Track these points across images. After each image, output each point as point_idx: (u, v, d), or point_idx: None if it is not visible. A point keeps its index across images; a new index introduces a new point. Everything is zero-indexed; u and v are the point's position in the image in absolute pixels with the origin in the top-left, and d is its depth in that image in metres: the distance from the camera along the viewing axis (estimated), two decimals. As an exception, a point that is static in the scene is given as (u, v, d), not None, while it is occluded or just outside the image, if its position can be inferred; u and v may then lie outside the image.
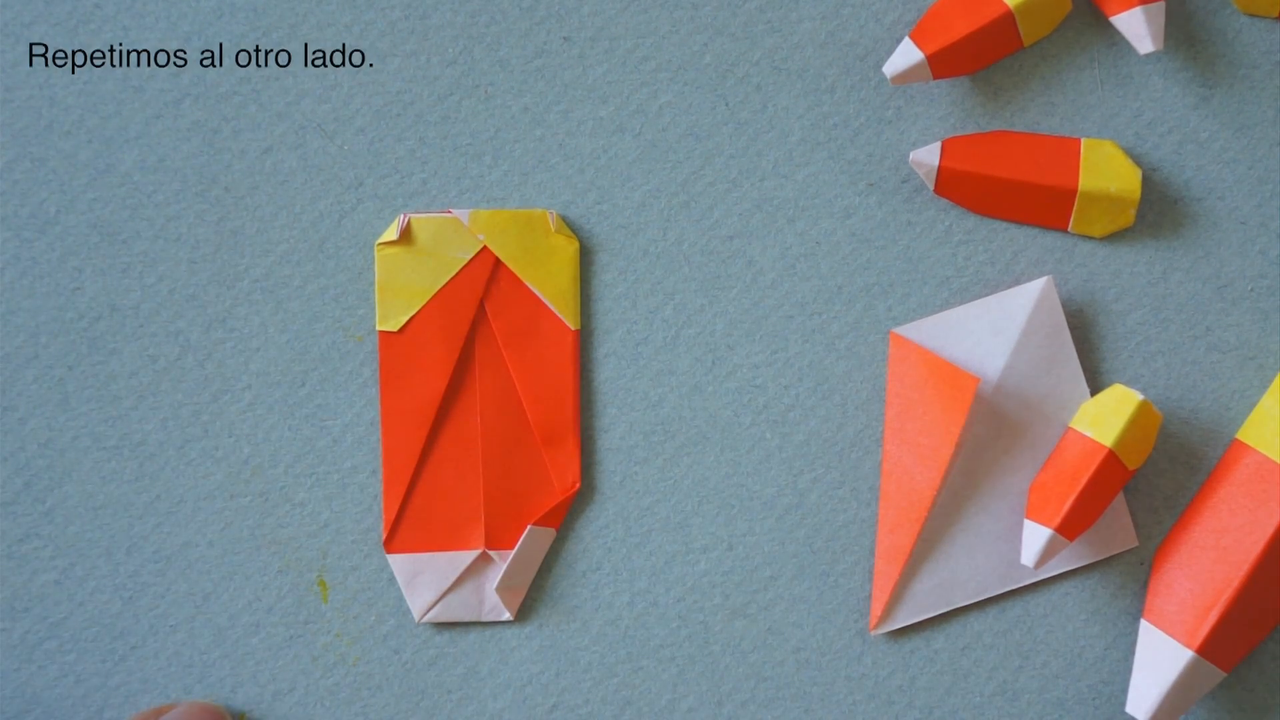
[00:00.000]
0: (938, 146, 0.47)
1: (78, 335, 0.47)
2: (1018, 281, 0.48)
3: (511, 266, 0.47)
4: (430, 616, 0.47)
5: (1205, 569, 0.46)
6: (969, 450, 0.47)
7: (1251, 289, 0.48)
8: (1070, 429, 0.46)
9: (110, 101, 0.47)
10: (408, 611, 0.48)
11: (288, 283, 0.48)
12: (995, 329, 0.47)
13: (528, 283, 0.47)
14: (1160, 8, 0.46)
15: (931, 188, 0.47)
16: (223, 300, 0.48)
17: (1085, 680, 0.48)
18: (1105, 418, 0.45)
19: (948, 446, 0.47)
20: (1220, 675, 0.46)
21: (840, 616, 0.48)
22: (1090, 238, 0.48)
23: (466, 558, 0.47)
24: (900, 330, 0.48)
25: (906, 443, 0.47)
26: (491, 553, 0.47)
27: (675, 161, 0.48)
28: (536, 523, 0.47)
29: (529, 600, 0.48)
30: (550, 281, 0.48)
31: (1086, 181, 0.47)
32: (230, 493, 0.48)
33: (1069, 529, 0.45)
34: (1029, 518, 0.45)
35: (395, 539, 0.47)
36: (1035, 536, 0.45)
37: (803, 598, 0.48)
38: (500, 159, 0.48)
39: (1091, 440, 0.45)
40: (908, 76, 0.46)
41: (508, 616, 0.48)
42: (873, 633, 0.48)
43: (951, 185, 0.47)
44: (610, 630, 0.48)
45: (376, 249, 0.47)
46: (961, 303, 0.48)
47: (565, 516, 0.48)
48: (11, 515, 0.47)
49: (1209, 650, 0.45)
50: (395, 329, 0.47)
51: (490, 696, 0.48)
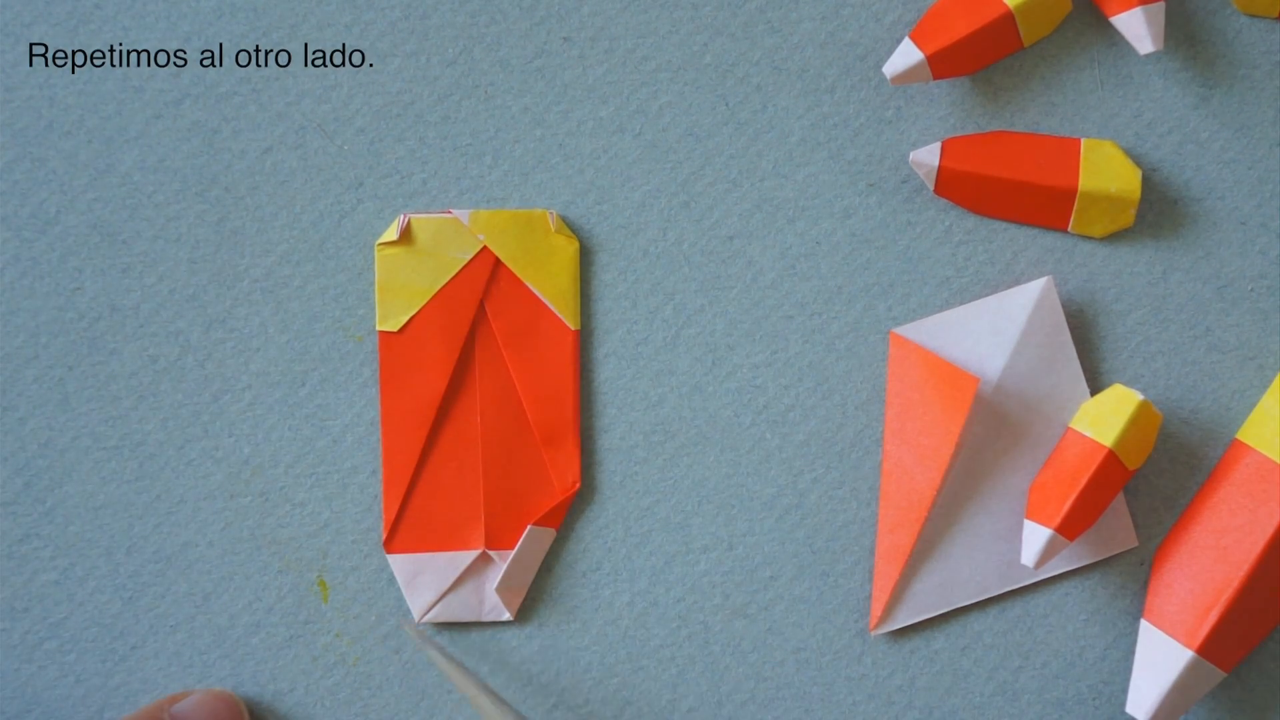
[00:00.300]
0: (938, 147, 0.47)
1: (78, 335, 0.47)
2: (1018, 281, 0.48)
3: (511, 267, 0.47)
4: (430, 616, 0.47)
5: (1205, 569, 0.46)
6: (969, 450, 0.47)
7: (1251, 289, 0.48)
8: (1070, 429, 0.46)
9: (110, 101, 0.47)
10: (408, 612, 0.48)
11: (288, 283, 0.48)
12: (995, 329, 0.47)
13: (528, 283, 0.47)
14: (1160, 8, 0.46)
15: (931, 188, 0.47)
16: (223, 300, 0.48)
17: (1085, 680, 0.48)
18: (1105, 418, 0.45)
19: (948, 446, 0.47)
20: (1220, 675, 0.46)
21: (840, 616, 0.48)
22: (1090, 238, 0.48)
23: (466, 558, 0.47)
24: (900, 330, 0.48)
25: (906, 443, 0.47)
26: (491, 553, 0.47)
27: (675, 161, 0.48)
28: (536, 523, 0.47)
29: (529, 600, 0.48)
30: (550, 281, 0.48)
31: (1086, 182, 0.47)
32: (230, 493, 0.47)
33: (1069, 529, 0.45)
34: (1029, 518, 0.45)
35: (395, 539, 0.47)
36: (1035, 536, 0.45)
37: (803, 598, 0.48)
38: (500, 159, 0.48)
39: (1091, 440, 0.45)
40: (908, 77, 0.46)
41: (508, 616, 0.48)
42: (873, 633, 0.48)
43: (951, 185, 0.47)
44: (610, 630, 0.48)
45: (376, 249, 0.47)
46: (961, 303, 0.48)
47: (565, 516, 0.48)
48: (11, 515, 0.47)
49: (1209, 650, 0.45)
50: (395, 329, 0.47)
51: (490, 696, 0.48)
